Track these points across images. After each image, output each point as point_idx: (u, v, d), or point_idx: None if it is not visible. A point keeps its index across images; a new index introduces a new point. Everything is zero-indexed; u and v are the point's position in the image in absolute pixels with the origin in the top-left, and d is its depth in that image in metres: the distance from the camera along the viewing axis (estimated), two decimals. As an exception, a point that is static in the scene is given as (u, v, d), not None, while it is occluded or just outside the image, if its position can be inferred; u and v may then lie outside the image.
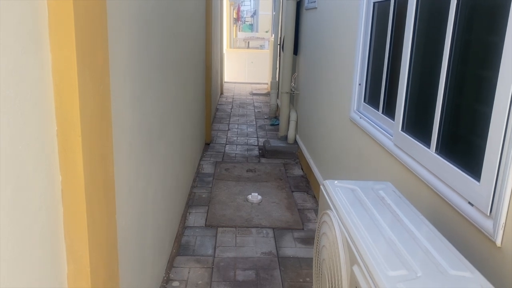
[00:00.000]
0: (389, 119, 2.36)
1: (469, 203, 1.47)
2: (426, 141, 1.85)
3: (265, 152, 5.52)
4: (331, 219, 1.49)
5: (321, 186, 1.75)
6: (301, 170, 4.98)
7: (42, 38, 1.06)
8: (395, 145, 2.16)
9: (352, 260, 1.27)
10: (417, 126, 2.02)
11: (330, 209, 1.56)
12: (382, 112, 2.51)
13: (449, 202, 1.60)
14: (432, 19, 1.93)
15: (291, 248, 3.24)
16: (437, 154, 1.74)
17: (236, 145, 5.98)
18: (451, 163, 1.63)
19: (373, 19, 2.74)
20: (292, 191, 4.34)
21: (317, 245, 1.70)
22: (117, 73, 1.59)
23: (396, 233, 1.32)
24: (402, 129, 2.11)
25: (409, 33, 2.04)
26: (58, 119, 1.14)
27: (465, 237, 1.49)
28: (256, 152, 5.68)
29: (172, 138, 2.98)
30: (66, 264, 1.22)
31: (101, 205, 1.34)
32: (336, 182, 1.71)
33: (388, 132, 2.33)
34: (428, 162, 1.78)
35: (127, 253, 1.81)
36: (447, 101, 1.71)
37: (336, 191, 1.62)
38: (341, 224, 1.42)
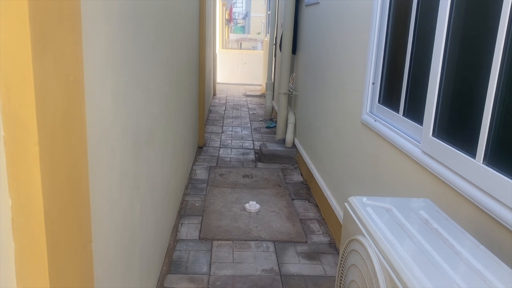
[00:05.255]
0: (414, 123, 2.06)
1: (539, 228, 1.17)
2: (469, 149, 1.54)
3: (261, 156, 5.21)
4: (365, 249, 1.18)
5: (346, 204, 1.44)
6: (300, 176, 4.67)
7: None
8: (424, 152, 1.86)
9: (403, 309, 0.96)
10: (455, 130, 1.72)
11: (362, 234, 1.25)
12: (403, 114, 2.21)
13: (505, 225, 1.30)
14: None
15: (295, 265, 2.92)
16: (486, 165, 1.44)
17: (231, 148, 5.66)
18: (507, 177, 1.33)
19: (390, 9, 2.44)
20: (292, 199, 4.03)
21: (341, 280, 1.39)
22: (95, 61, 1.26)
23: (457, 271, 1.01)
24: (434, 134, 1.81)
25: (444, 20, 1.74)
26: (6, 120, 0.81)
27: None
28: (252, 156, 5.36)
29: (162, 142, 2.65)
30: (18, 319, 0.89)
31: (70, 234, 1.02)
32: (364, 199, 1.40)
33: (412, 137, 2.03)
34: (473, 174, 1.48)
35: (107, 281, 1.48)
36: (500, 100, 1.41)
37: (367, 212, 1.31)
38: (381, 257, 1.11)
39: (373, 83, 2.60)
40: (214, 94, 9.99)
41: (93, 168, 1.23)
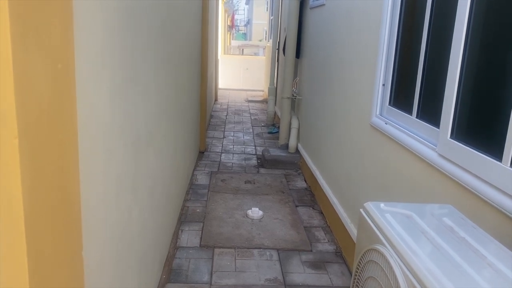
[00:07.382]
0: (428, 125, 1.95)
1: None
2: (494, 151, 1.43)
3: (264, 162, 5.09)
4: (386, 259, 1.06)
5: (361, 210, 1.32)
6: (304, 182, 4.55)
7: None
8: (441, 156, 1.75)
9: (434, 330, 0.84)
10: (476, 131, 1.60)
11: (381, 243, 1.13)
12: (417, 116, 2.10)
13: (538, 234, 1.18)
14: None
15: (300, 274, 2.80)
16: (514, 169, 1.33)
17: (233, 153, 5.54)
18: (539, 182, 1.21)
19: (401, 6, 2.34)
20: (296, 206, 3.90)
21: (358, 291, 1.27)
22: (90, 52, 1.15)
23: (491, 283, 0.90)
24: (452, 136, 1.70)
25: (464, 12, 1.63)
26: (-20, 109, 0.70)
27: None
28: (254, 161, 5.25)
29: (162, 144, 2.54)
30: None
31: (57, 242, 0.90)
32: (382, 205, 1.29)
33: (427, 140, 1.92)
34: (500, 178, 1.37)
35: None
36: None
37: (386, 219, 1.19)
38: (404, 268, 1.00)
39: (383, 85, 2.49)
40: (216, 100, 9.90)
41: (86, 168, 1.12)
